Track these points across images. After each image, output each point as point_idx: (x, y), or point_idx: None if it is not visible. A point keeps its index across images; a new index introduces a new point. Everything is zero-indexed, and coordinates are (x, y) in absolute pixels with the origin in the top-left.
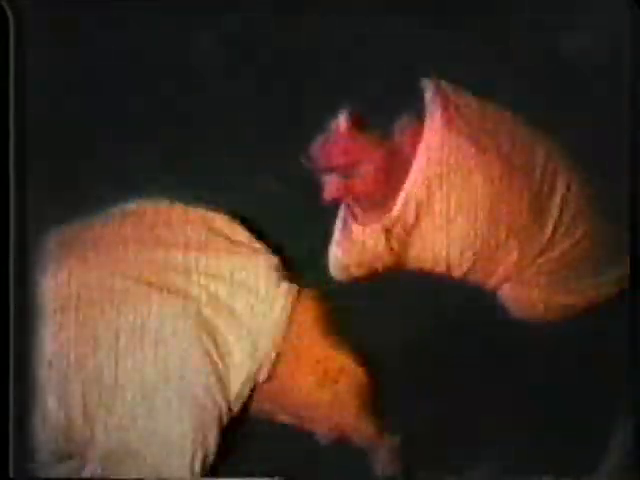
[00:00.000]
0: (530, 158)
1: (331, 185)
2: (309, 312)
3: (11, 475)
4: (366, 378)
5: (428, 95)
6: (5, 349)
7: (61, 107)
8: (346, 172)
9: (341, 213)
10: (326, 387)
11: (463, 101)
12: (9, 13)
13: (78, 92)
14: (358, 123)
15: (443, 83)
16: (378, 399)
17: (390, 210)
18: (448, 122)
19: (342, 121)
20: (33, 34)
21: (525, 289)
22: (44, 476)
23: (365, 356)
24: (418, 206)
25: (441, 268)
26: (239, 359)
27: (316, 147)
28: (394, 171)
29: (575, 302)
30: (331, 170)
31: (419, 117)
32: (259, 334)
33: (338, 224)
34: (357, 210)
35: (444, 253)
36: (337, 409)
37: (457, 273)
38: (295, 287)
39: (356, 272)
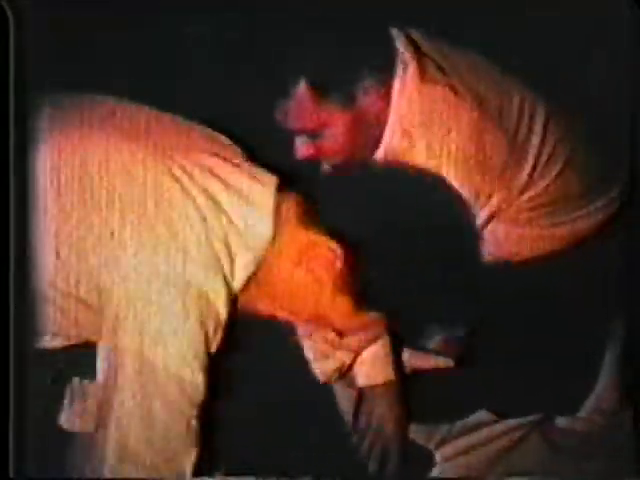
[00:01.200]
0: (505, 100)
1: (301, 145)
2: (292, 209)
3: (11, 475)
4: (341, 253)
5: (399, 45)
6: (5, 348)
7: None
8: (313, 134)
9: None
10: (302, 264)
11: (435, 48)
12: (9, 13)
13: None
14: (319, 90)
15: (413, 31)
16: (355, 277)
17: (374, 141)
18: (422, 72)
19: (302, 89)
20: (33, 34)
21: (512, 227)
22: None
23: (340, 234)
24: (399, 158)
25: None
26: (237, 252)
27: (280, 112)
28: (363, 131)
29: (566, 234)
30: (298, 132)
31: (383, 76)
32: (251, 229)
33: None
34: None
35: None
36: (315, 288)
37: None
38: (275, 182)
39: None
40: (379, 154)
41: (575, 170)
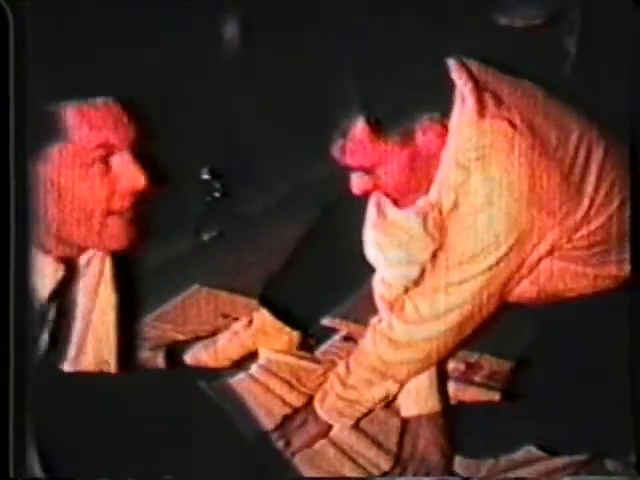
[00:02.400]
0: (564, 135)
1: (357, 181)
2: None
3: (11, 475)
4: None
5: (456, 79)
6: (5, 345)
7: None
8: (370, 172)
9: (374, 196)
10: None
11: (494, 80)
12: (9, 13)
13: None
14: (376, 128)
15: (471, 62)
16: None
17: (425, 195)
18: (480, 106)
19: (359, 127)
20: (33, 34)
21: (566, 264)
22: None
23: None
24: (455, 190)
25: (479, 252)
26: None
27: (336, 149)
28: (421, 168)
29: (620, 273)
30: (355, 169)
31: (441, 113)
32: None
33: (371, 205)
34: (392, 193)
35: (482, 237)
36: None
37: (493, 256)
38: None
39: (391, 253)
40: (434, 187)
41: (632, 206)
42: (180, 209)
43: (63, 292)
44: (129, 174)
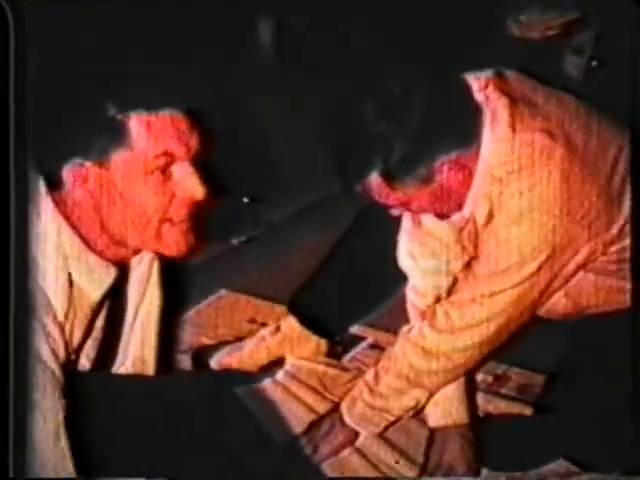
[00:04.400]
0: (602, 147)
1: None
2: None
3: (11, 475)
4: None
5: (487, 92)
6: (5, 347)
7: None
8: (399, 207)
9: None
10: None
11: (530, 90)
12: (9, 13)
13: (78, 92)
14: (390, 179)
15: (509, 73)
16: None
17: (460, 209)
18: (515, 119)
19: (374, 179)
20: (33, 34)
21: (599, 278)
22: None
23: None
24: (489, 202)
25: (513, 264)
26: None
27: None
28: (446, 200)
29: None
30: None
31: (460, 152)
32: None
33: (407, 214)
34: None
35: (517, 249)
36: None
37: (527, 269)
38: None
39: (425, 262)
40: (468, 203)
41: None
42: (209, 213)
43: (114, 294)
44: (189, 184)
